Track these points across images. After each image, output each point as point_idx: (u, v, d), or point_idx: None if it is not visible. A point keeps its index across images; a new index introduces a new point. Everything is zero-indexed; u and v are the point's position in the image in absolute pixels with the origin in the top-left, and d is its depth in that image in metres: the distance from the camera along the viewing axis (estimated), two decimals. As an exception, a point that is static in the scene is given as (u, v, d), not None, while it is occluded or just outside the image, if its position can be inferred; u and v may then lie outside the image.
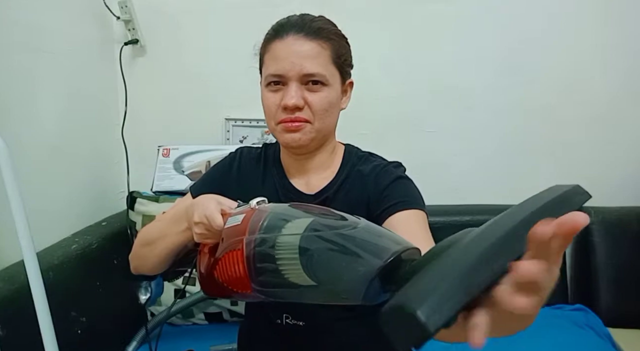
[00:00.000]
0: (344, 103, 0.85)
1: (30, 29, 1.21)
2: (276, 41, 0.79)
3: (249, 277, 0.58)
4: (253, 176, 0.90)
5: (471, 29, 1.60)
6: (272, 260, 0.55)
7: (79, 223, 1.39)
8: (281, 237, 0.56)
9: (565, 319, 1.43)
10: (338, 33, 0.82)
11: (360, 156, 0.88)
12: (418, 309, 0.29)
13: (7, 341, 0.91)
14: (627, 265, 1.49)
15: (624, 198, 1.62)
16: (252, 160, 0.92)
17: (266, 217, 0.60)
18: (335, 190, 0.84)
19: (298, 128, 0.78)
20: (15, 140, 0.91)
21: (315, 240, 0.53)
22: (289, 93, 0.77)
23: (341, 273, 0.49)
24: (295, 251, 0.53)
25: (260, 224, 0.59)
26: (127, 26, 1.59)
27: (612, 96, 1.62)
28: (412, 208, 0.76)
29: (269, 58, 0.80)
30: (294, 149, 0.83)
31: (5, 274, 1.02)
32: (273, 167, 0.90)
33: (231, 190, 0.84)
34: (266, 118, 0.83)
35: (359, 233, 0.52)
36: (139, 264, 0.88)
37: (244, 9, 1.60)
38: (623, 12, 1.57)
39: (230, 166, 0.92)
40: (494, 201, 1.62)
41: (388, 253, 0.47)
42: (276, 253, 0.54)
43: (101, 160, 1.59)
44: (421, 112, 1.65)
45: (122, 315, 1.39)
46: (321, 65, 0.77)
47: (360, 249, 0.50)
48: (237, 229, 0.62)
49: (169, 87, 1.68)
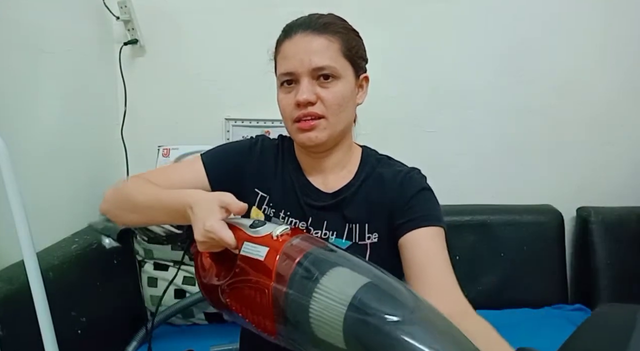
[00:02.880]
0: (360, 98, 0.84)
1: (30, 29, 1.21)
2: (286, 41, 0.79)
3: (274, 325, 0.52)
4: (270, 167, 0.88)
5: (471, 29, 1.61)
6: (307, 325, 0.47)
7: (79, 223, 1.39)
8: (317, 303, 0.47)
9: (565, 319, 1.44)
10: (347, 26, 0.82)
11: (378, 158, 0.88)
12: None
13: (7, 341, 0.91)
14: (627, 265, 1.49)
15: (624, 198, 1.62)
16: (271, 150, 0.90)
17: (295, 268, 0.51)
18: (354, 191, 0.83)
19: (312, 127, 0.77)
20: (15, 140, 0.90)
21: (363, 326, 0.44)
22: (301, 89, 0.76)
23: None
24: (338, 326, 0.45)
25: (292, 275, 0.51)
26: (127, 26, 1.59)
27: (611, 96, 1.62)
28: (435, 225, 0.77)
29: (280, 58, 0.80)
30: (311, 148, 0.82)
31: (5, 274, 1.02)
32: (289, 162, 0.88)
33: (246, 176, 0.83)
34: (283, 119, 0.82)
35: (417, 331, 0.42)
36: (114, 212, 0.83)
37: (243, 9, 1.60)
38: (623, 13, 1.57)
39: (250, 151, 0.89)
40: (494, 201, 1.63)
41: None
42: (313, 321, 0.47)
43: (101, 160, 1.59)
44: (421, 112, 1.65)
45: (122, 315, 1.39)
46: (330, 58, 0.77)
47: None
48: (259, 266, 0.54)
49: (169, 87, 1.68)
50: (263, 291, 0.52)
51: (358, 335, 0.44)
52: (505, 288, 1.53)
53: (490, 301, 1.51)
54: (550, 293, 1.54)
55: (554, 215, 1.58)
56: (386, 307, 0.43)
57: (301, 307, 0.48)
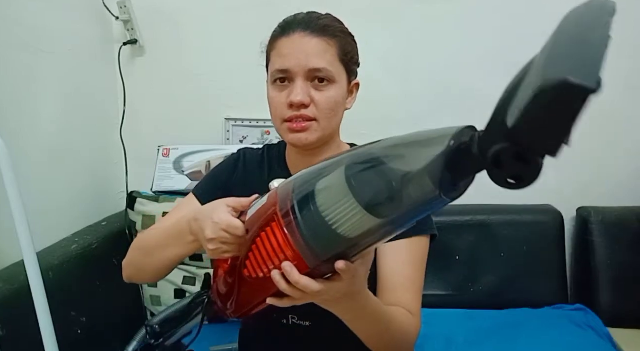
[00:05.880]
0: (349, 104, 0.85)
1: (30, 29, 1.21)
2: (283, 38, 0.78)
3: (296, 249, 0.49)
4: (258, 178, 0.88)
5: (472, 29, 1.60)
6: (317, 213, 0.47)
7: (79, 223, 1.39)
8: (320, 182, 0.48)
9: (565, 319, 1.43)
10: (345, 30, 0.82)
11: None
12: (568, 75, 0.28)
13: (7, 341, 0.91)
14: (627, 265, 1.49)
15: (624, 198, 1.62)
16: (256, 161, 0.91)
17: (292, 180, 0.53)
18: None
19: (304, 129, 0.78)
20: (15, 140, 0.91)
21: (364, 163, 0.47)
22: (295, 90, 0.76)
23: (408, 168, 0.44)
24: (344, 186, 0.46)
25: (292, 187, 0.51)
26: (126, 26, 1.59)
27: (612, 96, 1.62)
28: (418, 235, 0.80)
29: (275, 55, 0.80)
30: (300, 148, 0.83)
31: (5, 274, 1.02)
32: (278, 167, 0.89)
33: (236, 192, 0.83)
34: (272, 117, 0.82)
35: (404, 139, 0.47)
36: (134, 273, 0.85)
37: (243, 9, 1.60)
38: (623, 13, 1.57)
39: (235, 167, 0.91)
40: (494, 201, 1.62)
41: (452, 131, 0.42)
42: (320, 201, 0.47)
43: (101, 160, 1.59)
44: (421, 112, 1.65)
45: (122, 315, 1.39)
46: (328, 61, 0.77)
47: (417, 144, 0.45)
48: (263, 209, 0.55)
49: (169, 87, 1.67)
50: (272, 220, 0.52)
51: (363, 182, 0.46)
52: (505, 288, 1.53)
53: (490, 302, 1.51)
54: (550, 293, 1.54)
55: (554, 215, 1.58)
56: (373, 156, 0.47)
57: (308, 197, 0.48)
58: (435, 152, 0.42)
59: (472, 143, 0.40)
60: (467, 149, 0.40)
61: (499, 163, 0.35)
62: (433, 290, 1.50)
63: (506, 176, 0.35)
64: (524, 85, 0.34)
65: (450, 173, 0.42)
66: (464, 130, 0.42)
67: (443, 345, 1.33)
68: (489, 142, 0.36)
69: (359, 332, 0.69)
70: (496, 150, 0.34)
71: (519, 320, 1.43)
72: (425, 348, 1.30)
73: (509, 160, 0.34)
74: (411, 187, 0.44)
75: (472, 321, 1.44)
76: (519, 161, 0.33)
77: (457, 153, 0.41)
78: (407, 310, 0.75)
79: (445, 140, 0.42)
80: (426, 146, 0.44)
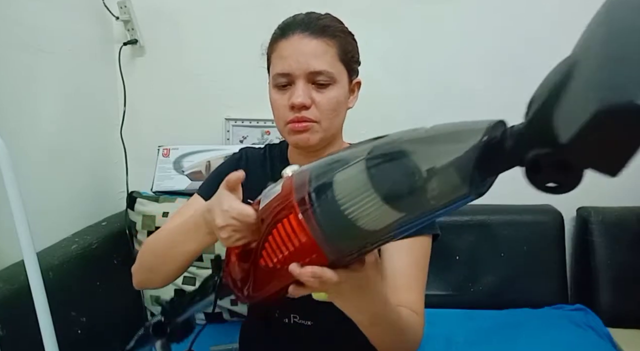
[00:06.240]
0: (351, 102, 0.85)
1: (30, 29, 1.21)
2: (282, 40, 0.79)
3: (315, 240, 0.48)
4: (260, 177, 0.88)
5: (472, 29, 1.60)
6: (336, 205, 0.46)
7: (79, 223, 1.39)
8: (339, 174, 0.47)
9: (565, 319, 1.43)
10: (344, 30, 0.82)
11: None
12: (633, 98, 0.26)
13: (7, 341, 0.91)
14: (627, 265, 1.49)
15: (624, 198, 1.62)
16: (258, 160, 0.91)
17: (309, 169, 0.52)
18: None
19: (305, 129, 0.78)
20: (15, 140, 0.91)
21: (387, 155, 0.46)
22: (296, 92, 0.76)
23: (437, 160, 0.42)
24: (364, 178, 0.45)
25: (309, 176, 0.50)
26: (126, 26, 1.59)
27: (612, 96, 1.62)
28: (421, 235, 0.80)
29: (275, 57, 0.80)
30: (303, 149, 0.83)
31: (5, 274, 1.02)
32: (281, 166, 0.88)
33: None
34: (275, 119, 0.82)
35: (429, 132, 0.45)
36: (145, 277, 0.84)
37: (243, 9, 1.60)
38: (623, 12, 1.57)
39: (238, 165, 0.90)
40: (494, 201, 1.62)
41: (483, 125, 0.40)
42: (339, 193, 0.46)
43: (101, 160, 1.59)
44: (422, 112, 1.65)
45: (122, 315, 1.39)
46: (328, 62, 0.77)
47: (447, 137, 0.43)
48: (278, 198, 0.53)
49: (169, 87, 1.67)
50: (289, 212, 0.51)
51: (384, 177, 0.45)
52: (505, 288, 1.53)
53: (490, 302, 1.51)
54: (550, 293, 1.54)
55: (554, 215, 1.58)
56: (396, 148, 0.46)
57: (326, 188, 0.47)
58: (466, 146, 0.40)
59: (504, 139, 0.39)
60: (499, 145, 0.39)
61: (537, 167, 0.34)
62: (433, 290, 1.49)
63: (546, 181, 0.34)
64: (572, 91, 0.32)
65: (477, 170, 0.41)
66: (496, 124, 0.41)
67: (443, 345, 1.33)
68: (527, 143, 0.35)
69: (374, 333, 0.66)
70: (536, 154, 0.33)
71: (519, 320, 1.43)
72: (425, 348, 1.29)
73: (549, 167, 0.33)
74: (436, 182, 0.42)
75: (472, 321, 1.44)
76: (560, 169, 0.33)
77: (488, 148, 0.39)
78: (412, 310, 0.75)
79: (477, 134, 0.40)
80: (455, 140, 0.42)
